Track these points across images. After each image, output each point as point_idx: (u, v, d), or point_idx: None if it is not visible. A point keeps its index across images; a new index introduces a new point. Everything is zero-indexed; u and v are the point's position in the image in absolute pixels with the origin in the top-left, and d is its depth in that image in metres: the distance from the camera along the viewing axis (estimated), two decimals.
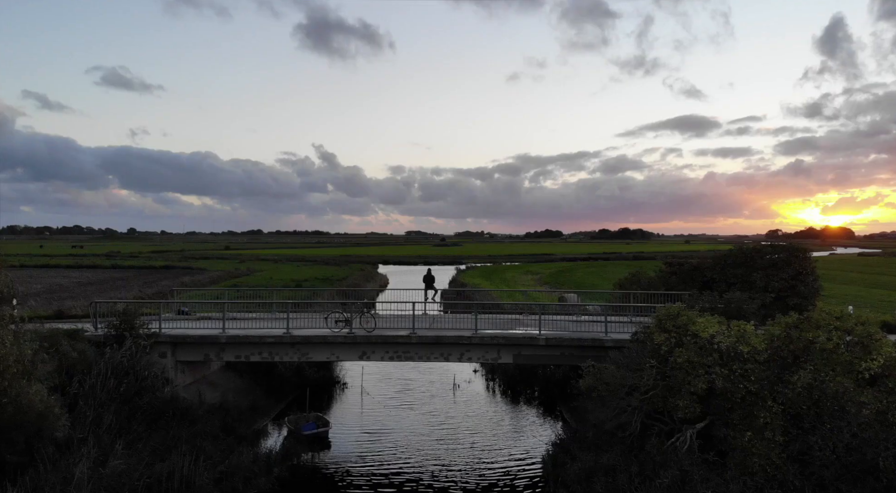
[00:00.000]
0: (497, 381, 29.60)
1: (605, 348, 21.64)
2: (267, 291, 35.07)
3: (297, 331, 22.27)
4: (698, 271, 29.52)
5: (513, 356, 22.39)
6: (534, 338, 21.88)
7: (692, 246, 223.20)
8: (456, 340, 21.92)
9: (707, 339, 16.24)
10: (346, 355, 22.52)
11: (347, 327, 22.15)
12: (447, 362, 22.69)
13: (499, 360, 22.53)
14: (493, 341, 21.97)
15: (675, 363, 16.16)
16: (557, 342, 21.86)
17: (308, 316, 23.51)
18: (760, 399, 15.99)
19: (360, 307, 22.91)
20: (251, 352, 22.43)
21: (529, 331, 22.96)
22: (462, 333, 22.18)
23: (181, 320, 24.68)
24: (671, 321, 16.96)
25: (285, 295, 36.49)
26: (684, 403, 16.14)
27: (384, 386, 28.74)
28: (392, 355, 22.31)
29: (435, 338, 21.90)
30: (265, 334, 22.08)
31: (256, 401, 24.57)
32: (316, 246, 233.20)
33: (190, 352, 22.53)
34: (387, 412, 24.85)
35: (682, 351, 16.10)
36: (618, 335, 21.89)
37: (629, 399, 17.05)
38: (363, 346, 22.16)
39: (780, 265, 27.28)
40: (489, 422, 24.06)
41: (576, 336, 22.00)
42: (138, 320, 21.68)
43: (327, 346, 22.21)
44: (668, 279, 29.90)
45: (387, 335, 21.95)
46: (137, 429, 17.34)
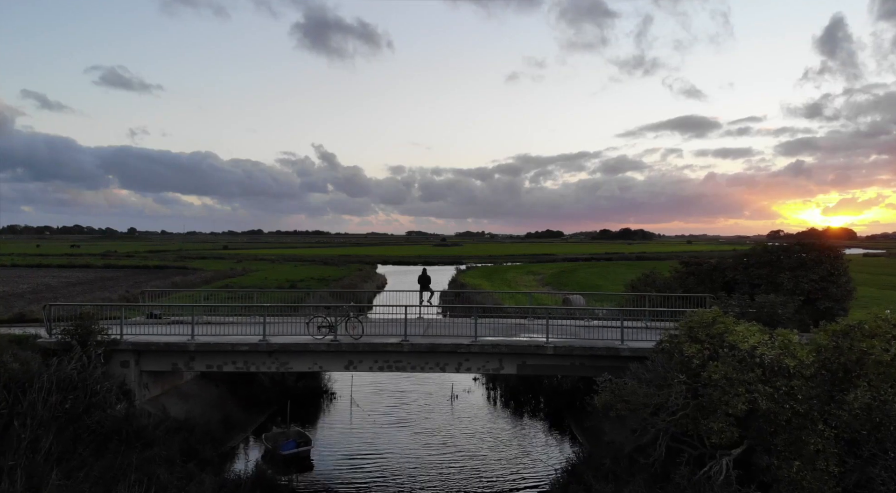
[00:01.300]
0: (499, 390, 27.18)
1: (622, 357, 19.22)
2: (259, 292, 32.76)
3: (275, 338, 19.86)
4: (718, 272, 27.12)
5: (517, 366, 19.98)
6: (540, 346, 19.47)
7: (694, 246, 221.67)
8: (453, 348, 19.51)
9: (747, 351, 13.82)
10: (331, 365, 20.11)
11: (332, 334, 19.75)
12: (443, 372, 20.29)
13: (501, 370, 20.11)
14: (494, 349, 19.56)
15: (710, 380, 13.74)
16: (567, 351, 19.45)
17: (289, 321, 21.09)
18: (810, 422, 13.57)
19: (346, 311, 20.47)
20: (224, 361, 20.03)
21: (535, 338, 20.58)
22: (460, 340, 19.77)
23: (152, 324, 22.28)
24: (704, 330, 14.53)
25: (277, 297, 34.13)
26: (719, 426, 13.73)
27: (376, 397, 26.30)
28: (382, 365, 19.90)
29: (429, 346, 19.49)
30: (239, 341, 19.68)
31: (232, 415, 22.16)
32: (315, 246, 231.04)
33: (156, 361, 20.14)
34: (378, 429, 22.38)
35: (718, 365, 13.68)
36: (635, 344, 19.49)
37: (653, 420, 14.64)
38: (349, 355, 19.75)
39: (809, 265, 24.88)
40: (491, 440, 21.62)
41: (588, 345, 19.58)
42: (96, 326, 19.31)
43: (309, 355, 19.80)
44: (686, 280, 27.48)
45: (375, 343, 19.54)
46: (83, 454, 14.94)
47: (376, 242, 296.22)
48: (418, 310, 24.74)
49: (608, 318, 24.78)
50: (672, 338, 15.48)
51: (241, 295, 31.44)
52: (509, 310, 27.46)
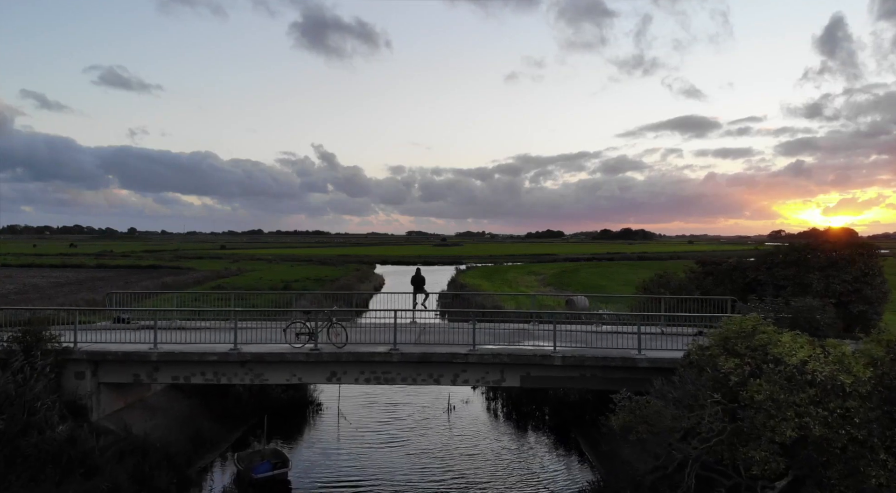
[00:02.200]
0: (500, 401, 24.96)
1: (639, 369, 17.03)
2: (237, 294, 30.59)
3: (248, 347, 17.65)
4: (739, 272, 24.91)
5: (520, 378, 17.77)
6: (547, 356, 17.27)
7: (696, 246, 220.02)
8: (448, 358, 17.30)
9: (796, 366, 11.62)
10: (311, 377, 17.90)
11: (312, 342, 17.56)
12: (438, 384, 18.06)
13: (503, 383, 17.90)
14: (495, 359, 17.35)
15: (751, 401, 11.56)
16: (577, 362, 17.24)
17: (267, 327, 18.87)
18: (869, 450, 11.39)
19: (328, 316, 18.24)
20: (192, 372, 17.84)
21: (540, 346, 18.38)
22: (456, 349, 17.56)
23: (113, 330, 20.01)
24: (743, 341, 12.33)
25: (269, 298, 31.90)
26: (762, 455, 11.53)
27: (366, 411, 24.03)
28: (369, 377, 17.70)
29: (421, 355, 17.28)
30: (207, 350, 17.47)
31: (204, 430, 19.93)
32: (315, 246, 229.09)
33: (115, 372, 17.96)
34: (366, 447, 20.08)
35: (763, 384, 11.48)
36: (654, 353, 17.29)
37: (682, 446, 12.45)
38: (332, 365, 17.55)
39: (840, 265, 22.67)
40: (493, 460, 19.37)
41: (600, 354, 17.36)
42: (47, 332, 17.14)
43: (286, 365, 17.60)
44: (703, 281, 25.27)
45: (361, 352, 17.33)
46: (16, 484, 12.77)
47: (376, 243, 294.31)
48: (412, 314, 22.56)
49: (619, 322, 22.56)
50: (702, 349, 13.28)
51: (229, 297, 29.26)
52: (511, 314, 25.20)
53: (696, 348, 13.42)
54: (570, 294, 44.67)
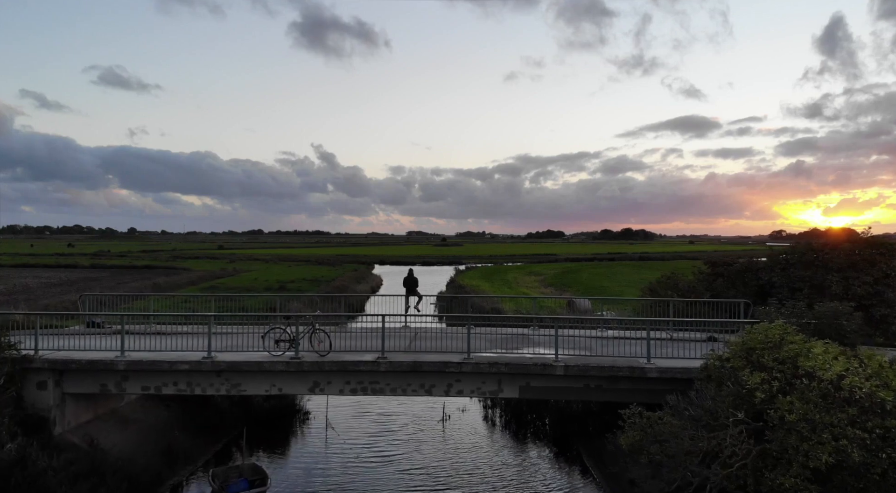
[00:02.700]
0: (498, 409, 23.56)
1: (648, 379, 15.65)
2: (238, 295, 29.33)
3: (224, 355, 16.27)
4: (751, 273, 23.52)
5: (519, 389, 16.38)
6: (548, 365, 15.88)
7: (697, 247, 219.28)
8: (441, 367, 15.91)
9: (831, 381, 10.24)
10: (292, 388, 16.50)
11: (292, 350, 16.17)
12: (430, 395, 16.66)
13: (500, 394, 16.51)
14: (491, 368, 15.96)
15: (781, 421, 10.18)
16: (580, 371, 15.85)
17: (246, 332, 17.53)
18: None
19: (310, 321, 16.84)
20: (163, 382, 16.46)
21: (541, 353, 16.99)
22: (449, 356, 16.17)
23: (91, 335, 18.65)
24: (770, 353, 10.94)
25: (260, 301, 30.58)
26: (792, 482, 10.14)
27: (356, 421, 22.58)
28: (355, 387, 16.31)
29: (412, 364, 15.89)
30: (178, 358, 16.08)
31: (179, 443, 18.53)
32: (314, 246, 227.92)
33: (80, 382, 16.58)
34: (355, 463, 18.63)
35: (795, 402, 10.10)
36: (665, 362, 15.91)
37: (701, 471, 11.07)
38: (314, 375, 16.16)
39: (860, 266, 21.29)
40: (491, 475, 17.97)
41: (606, 363, 15.96)
42: (4, 338, 15.77)
43: (265, 375, 16.22)
44: (713, 283, 23.88)
45: (346, 361, 15.93)
46: None
47: (376, 243, 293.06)
48: (404, 318, 21.20)
49: (626, 327, 21.18)
50: (721, 361, 11.88)
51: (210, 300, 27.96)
52: (510, 318, 23.76)
53: (715, 359, 12.02)
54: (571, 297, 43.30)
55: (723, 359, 11.79)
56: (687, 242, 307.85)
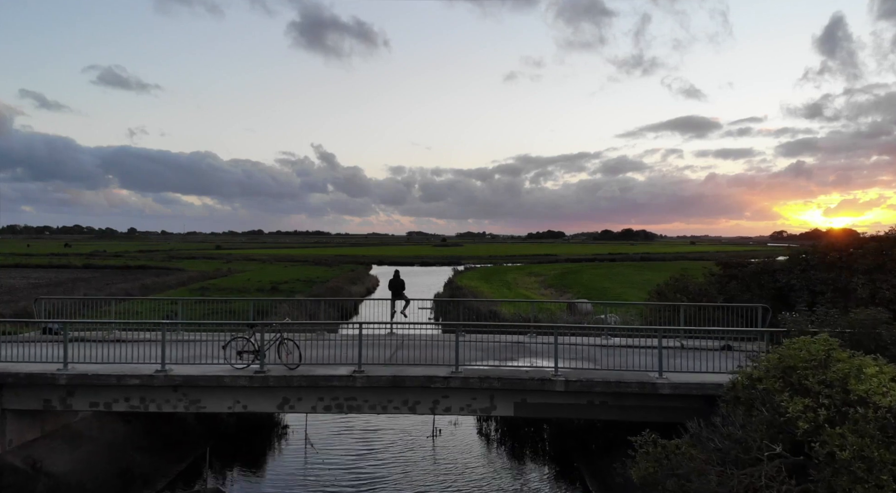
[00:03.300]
0: (493, 422, 21.68)
1: (660, 396, 13.81)
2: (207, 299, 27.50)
3: (180, 368, 14.44)
4: (768, 275, 21.64)
5: (514, 406, 14.53)
6: (546, 380, 14.04)
7: (698, 247, 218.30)
8: (425, 381, 14.07)
9: (891, 409, 8.39)
10: (258, 405, 14.64)
11: (257, 362, 14.33)
12: (413, 413, 14.81)
13: (493, 411, 14.66)
14: (482, 383, 14.11)
15: (830, 457, 8.34)
16: (583, 387, 14.00)
17: (211, 339, 15.67)
18: None
19: (278, 330, 14.96)
20: (113, 397, 14.63)
21: (539, 366, 15.15)
22: (435, 370, 14.32)
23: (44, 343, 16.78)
24: (814, 373, 9.08)
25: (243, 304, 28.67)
26: None
27: (338, 437, 20.66)
28: (329, 405, 14.46)
29: (392, 379, 14.04)
30: (128, 371, 14.24)
31: (137, 464, 16.70)
32: (314, 246, 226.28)
33: (22, 397, 14.74)
34: (336, 484, 16.82)
35: (848, 435, 8.25)
36: (679, 376, 14.06)
37: None
38: (282, 391, 14.31)
39: (889, 267, 19.41)
40: None
41: (612, 378, 14.11)
42: None
43: (227, 390, 14.37)
44: (726, 286, 22.01)
45: (317, 375, 14.08)
46: None
47: (376, 243, 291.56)
48: (390, 325, 19.36)
49: (632, 335, 19.36)
50: (752, 380, 10.03)
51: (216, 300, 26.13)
52: (505, 326, 21.84)
53: (744, 378, 10.16)
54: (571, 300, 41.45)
55: (753, 378, 9.93)
56: (688, 242, 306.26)
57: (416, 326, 16.80)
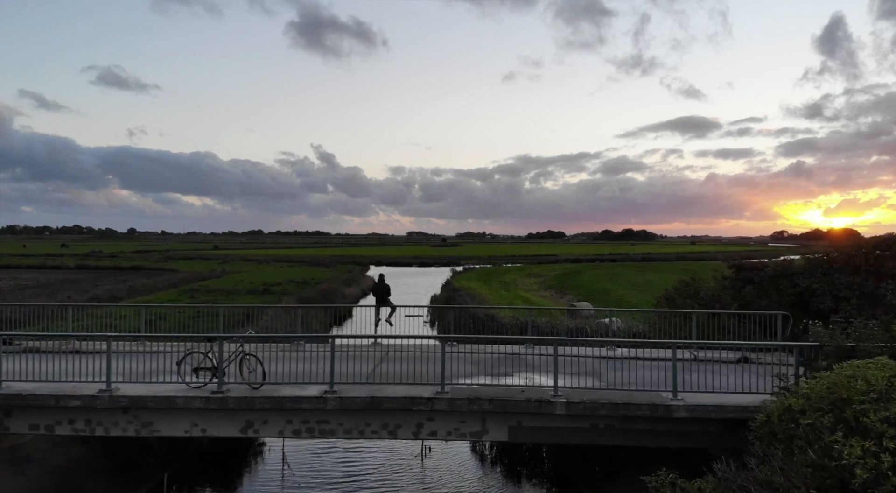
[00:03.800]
0: (487, 441, 19.94)
1: (674, 420, 12.11)
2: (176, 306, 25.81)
3: (129, 386, 12.73)
4: (786, 279, 19.93)
5: (508, 430, 12.82)
6: (544, 401, 12.33)
7: (699, 247, 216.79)
8: (406, 403, 12.35)
9: None
10: (218, 428, 12.92)
11: (215, 380, 12.62)
12: (394, 438, 13.10)
13: (484, 436, 12.96)
14: (472, 405, 12.40)
15: None
16: (587, 410, 12.29)
17: (166, 350, 13.94)
18: None
19: (238, 343, 13.23)
20: (56, 419, 12.92)
21: (536, 382, 13.42)
22: (418, 390, 12.62)
23: None
24: (875, 409, 7.37)
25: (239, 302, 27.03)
26: None
27: (318, 458, 18.92)
28: (298, 429, 12.75)
29: (368, 401, 12.33)
30: (68, 391, 12.52)
31: (91, 490, 15.02)
32: (313, 246, 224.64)
33: None
34: None
35: None
36: (695, 397, 12.35)
37: None
38: (245, 413, 12.61)
39: None
40: None
41: (620, 399, 12.38)
42: None
43: (183, 413, 12.65)
44: (741, 290, 20.29)
45: (283, 396, 12.37)
46: None
47: (375, 243, 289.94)
48: (374, 330, 17.72)
49: (639, 345, 17.64)
50: (790, 412, 8.31)
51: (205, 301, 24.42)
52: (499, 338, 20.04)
53: (780, 409, 8.45)
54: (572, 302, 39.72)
55: (791, 410, 8.22)
56: (688, 242, 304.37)
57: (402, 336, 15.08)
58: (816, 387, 8.25)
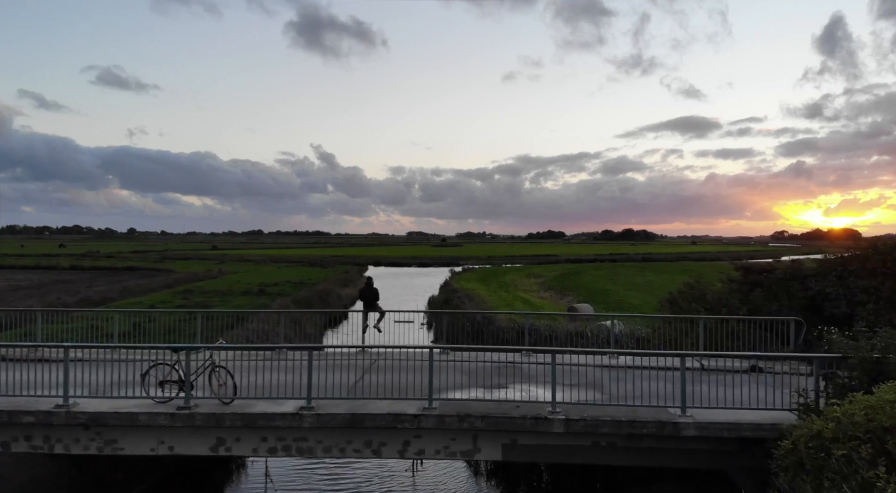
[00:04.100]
0: None
1: (682, 438, 11.08)
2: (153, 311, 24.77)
3: (88, 401, 11.72)
4: (798, 281, 18.92)
5: (502, 448, 11.80)
6: (541, 418, 11.30)
7: (700, 247, 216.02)
8: (391, 421, 11.34)
9: None
10: (187, 446, 11.90)
11: (182, 394, 11.61)
12: (378, 457, 12.08)
13: (476, 455, 11.93)
14: (462, 422, 11.38)
15: None
16: (588, 427, 11.26)
17: (130, 358, 12.91)
18: None
19: (207, 355, 12.20)
20: (11, 435, 11.91)
21: (533, 396, 12.41)
22: (404, 406, 11.60)
23: None
24: None
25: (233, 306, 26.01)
26: None
27: (303, 472, 17.91)
28: (273, 447, 11.73)
29: (348, 418, 11.31)
30: (21, 406, 11.51)
31: None
32: (312, 247, 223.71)
33: None
34: None
35: None
36: (706, 413, 11.32)
37: None
38: (214, 431, 11.60)
39: None
40: None
41: (623, 415, 11.34)
42: None
43: (148, 430, 11.65)
44: (749, 294, 19.27)
45: (255, 413, 11.36)
46: None
47: (375, 243, 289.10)
48: (362, 336, 16.71)
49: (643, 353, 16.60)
50: (818, 438, 7.28)
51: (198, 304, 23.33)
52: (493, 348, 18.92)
53: (808, 435, 7.42)
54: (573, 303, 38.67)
55: (819, 436, 7.19)
56: (689, 242, 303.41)
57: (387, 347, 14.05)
58: (850, 411, 7.23)
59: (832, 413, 7.55)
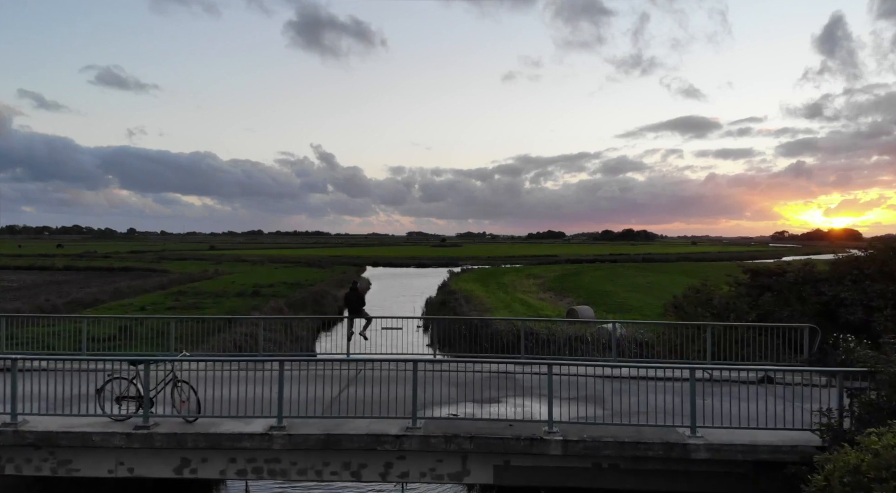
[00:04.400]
0: None
1: (691, 461, 10.04)
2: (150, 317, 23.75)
3: (39, 419, 10.66)
4: (810, 285, 17.86)
5: (493, 471, 10.74)
6: (536, 439, 10.25)
7: (700, 247, 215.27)
8: (371, 442, 10.29)
9: None
10: (148, 467, 10.84)
11: (141, 411, 10.56)
12: (357, 480, 11.01)
13: (465, 478, 10.87)
14: (449, 443, 10.32)
15: None
16: (588, 449, 10.21)
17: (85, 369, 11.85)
18: None
19: (168, 369, 11.13)
20: None
21: (528, 412, 11.35)
22: (385, 426, 10.54)
23: None
24: None
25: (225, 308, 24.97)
26: None
27: (286, 490, 16.85)
28: (243, 469, 10.68)
29: (323, 440, 10.25)
30: None
31: None
32: (313, 247, 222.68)
33: None
34: None
35: None
36: (718, 434, 10.27)
37: None
38: (177, 451, 10.56)
39: None
40: None
41: (627, 436, 10.29)
42: None
43: (105, 451, 10.61)
44: (759, 298, 18.20)
45: (220, 433, 10.30)
46: None
47: (375, 243, 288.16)
48: (347, 344, 15.69)
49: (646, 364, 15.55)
50: (857, 474, 6.25)
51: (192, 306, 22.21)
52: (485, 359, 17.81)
53: (843, 469, 6.39)
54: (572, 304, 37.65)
55: (862, 472, 6.16)
56: (689, 242, 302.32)
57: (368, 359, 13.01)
58: (893, 443, 6.20)
59: (871, 444, 6.52)
